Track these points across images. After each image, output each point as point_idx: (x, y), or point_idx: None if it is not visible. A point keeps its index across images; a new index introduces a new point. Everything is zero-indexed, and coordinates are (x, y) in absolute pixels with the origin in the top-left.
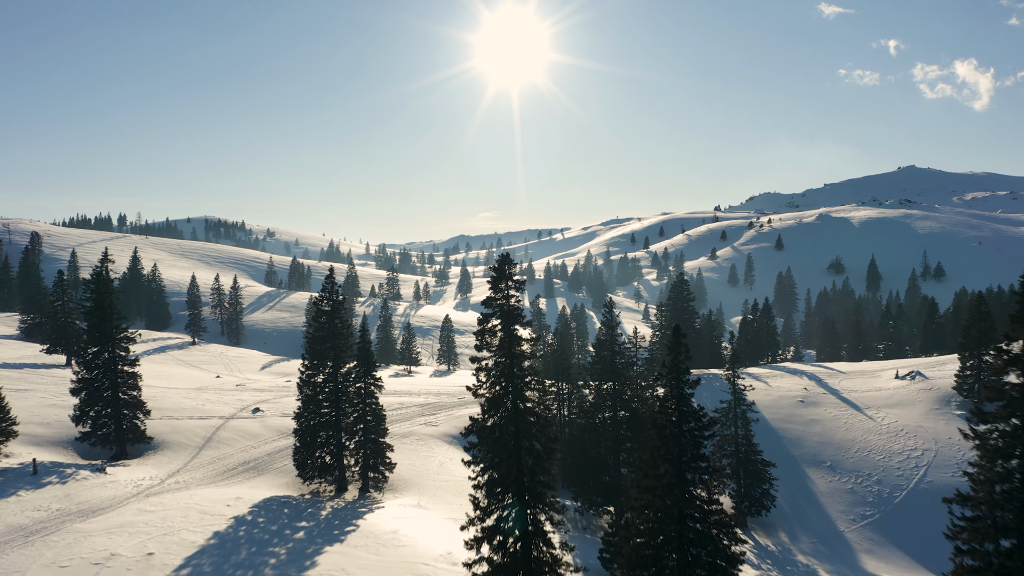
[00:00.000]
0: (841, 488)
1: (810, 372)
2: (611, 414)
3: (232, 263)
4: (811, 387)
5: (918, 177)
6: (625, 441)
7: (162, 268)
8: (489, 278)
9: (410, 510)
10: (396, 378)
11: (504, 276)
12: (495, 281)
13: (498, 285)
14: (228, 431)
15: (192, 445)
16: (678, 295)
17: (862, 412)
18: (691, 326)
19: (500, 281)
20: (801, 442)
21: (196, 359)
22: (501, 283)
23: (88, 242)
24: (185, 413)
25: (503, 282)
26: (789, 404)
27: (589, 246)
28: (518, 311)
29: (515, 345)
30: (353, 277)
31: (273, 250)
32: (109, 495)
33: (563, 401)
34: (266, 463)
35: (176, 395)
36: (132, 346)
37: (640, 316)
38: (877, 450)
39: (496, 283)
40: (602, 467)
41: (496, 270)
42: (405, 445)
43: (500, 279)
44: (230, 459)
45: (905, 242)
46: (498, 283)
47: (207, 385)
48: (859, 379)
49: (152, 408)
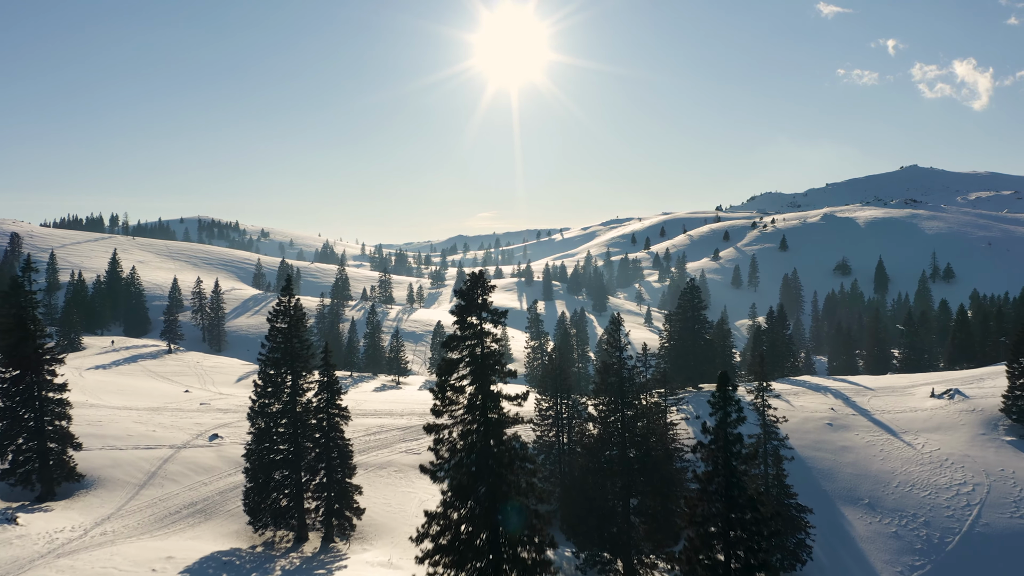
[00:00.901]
0: (883, 532)
1: (835, 389)
2: (619, 451)
3: (221, 265)
4: (838, 407)
5: (921, 177)
6: (635, 484)
7: (147, 270)
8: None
9: (377, 571)
10: (382, 392)
11: (475, 306)
12: (463, 311)
13: (466, 318)
14: (177, 463)
15: (132, 483)
16: (688, 303)
17: (899, 438)
18: (702, 338)
19: (470, 311)
20: (833, 474)
21: (169, 370)
22: (471, 314)
23: (71, 243)
24: (131, 441)
25: (474, 313)
26: (816, 428)
27: (589, 247)
28: (496, 357)
29: (491, 409)
30: (344, 279)
31: (267, 251)
32: (10, 556)
33: (562, 427)
34: (216, 504)
35: (126, 418)
36: (105, 355)
37: (642, 320)
38: (921, 484)
39: (464, 314)
40: (609, 515)
41: (464, 295)
42: (381, 479)
43: (470, 308)
44: (174, 500)
45: (912, 243)
46: (467, 314)
47: (168, 403)
48: (890, 397)
49: (94, 435)
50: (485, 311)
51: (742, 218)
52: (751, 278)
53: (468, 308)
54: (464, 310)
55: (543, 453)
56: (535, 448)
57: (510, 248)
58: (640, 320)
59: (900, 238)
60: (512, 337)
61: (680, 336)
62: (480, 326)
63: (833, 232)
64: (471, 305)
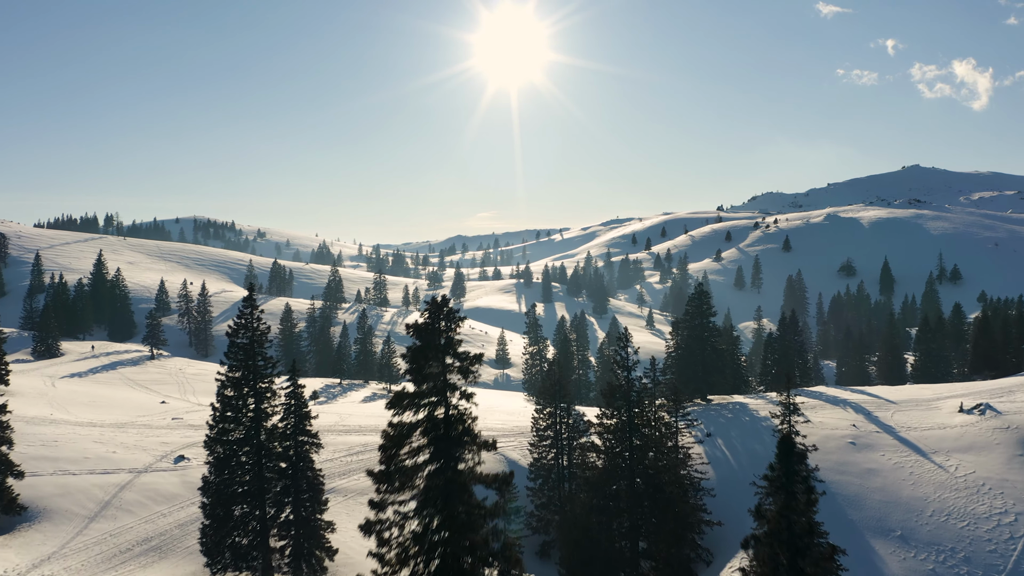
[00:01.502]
0: (920, 569)
1: (854, 402)
2: (627, 484)
3: (214, 266)
4: (860, 423)
5: (923, 177)
6: (646, 524)
7: (137, 272)
8: (408, 349)
9: None
10: (371, 402)
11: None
12: (420, 356)
13: (425, 365)
14: (136, 491)
15: (82, 514)
16: (696, 309)
17: (928, 459)
18: (712, 346)
19: (429, 356)
20: (860, 502)
21: (149, 378)
22: (431, 360)
23: (60, 244)
24: (87, 465)
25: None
26: (839, 447)
27: (589, 247)
28: (468, 423)
29: (460, 500)
30: (337, 281)
31: (263, 251)
32: None
33: (561, 449)
34: (174, 540)
35: (85, 437)
36: (83, 361)
37: (643, 322)
38: (957, 513)
39: (421, 360)
40: (615, 559)
41: (422, 332)
42: (360, 506)
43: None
44: (127, 534)
45: (918, 244)
46: (425, 359)
47: (138, 417)
48: (914, 411)
49: (46, 458)
50: (452, 354)
51: (744, 218)
52: (754, 279)
53: (427, 351)
54: (421, 354)
55: (540, 477)
56: (532, 472)
57: (509, 248)
58: (642, 323)
59: (905, 239)
60: (510, 341)
61: (687, 344)
62: (444, 376)
63: (837, 233)
64: (431, 347)
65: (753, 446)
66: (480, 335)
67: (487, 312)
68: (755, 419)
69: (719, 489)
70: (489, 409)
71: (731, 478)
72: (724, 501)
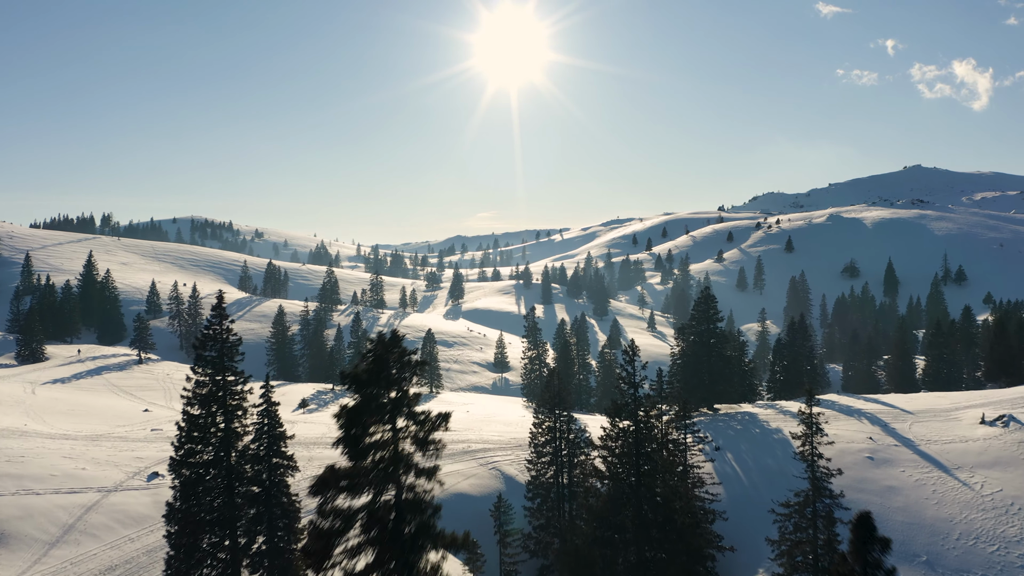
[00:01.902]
0: None
1: (869, 412)
2: (634, 512)
3: (209, 266)
4: (877, 435)
5: (925, 177)
6: (655, 561)
7: (130, 273)
8: (341, 409)
9: None
10: None
11: (378, 407)
12: (358, 418)
13: (365, 431)
14: (103, 512)
15: (42, 540)
16: (702, 314)
17: (951, 475)
18: (719, 354)
19: (371, 417)
20: (882, 523)
21: (134, 383)
22: (377, 421)
23: (53, 244)
24: (53, 483)
25: (382, 417)
26: (856, 462)
27: (589, 247)
28: (425, 512)
29: None
30: (333, 282)
31: (261, 252)
32: None
33: (562, 467)
34: (140, 568)
35: (56, 451)
36: (67, 366)
37: (645, 324)
38: (986, 536)
39: (357, 421)
40: None
41: (362, 379)
42: None
43: (370, 411)
44: (90, 563)
45: (922, 244)
46: (366, 422)
47: (116, 428)
48: (932, 423)
49: (9, 476)
50: (406, 414)
51: (745, 218)
52: (757, 280)
53: (370, 411)
54: (359, 416)
55: (539, 496)
56: (530, 491)
57: (509, 249)
58: (643, 324)
59: (909, 239)
60: (509, 343)
61: (693, 351)
62: (395, 447)
63: (840, 233)
64: (376, 405)
65: (765, 461)
66: (479, 338)
67: (486, 314)
68: (766, 431)
69: (731, 510)
70: (486, 419)
71: (743, 497)
72: (736, 523)
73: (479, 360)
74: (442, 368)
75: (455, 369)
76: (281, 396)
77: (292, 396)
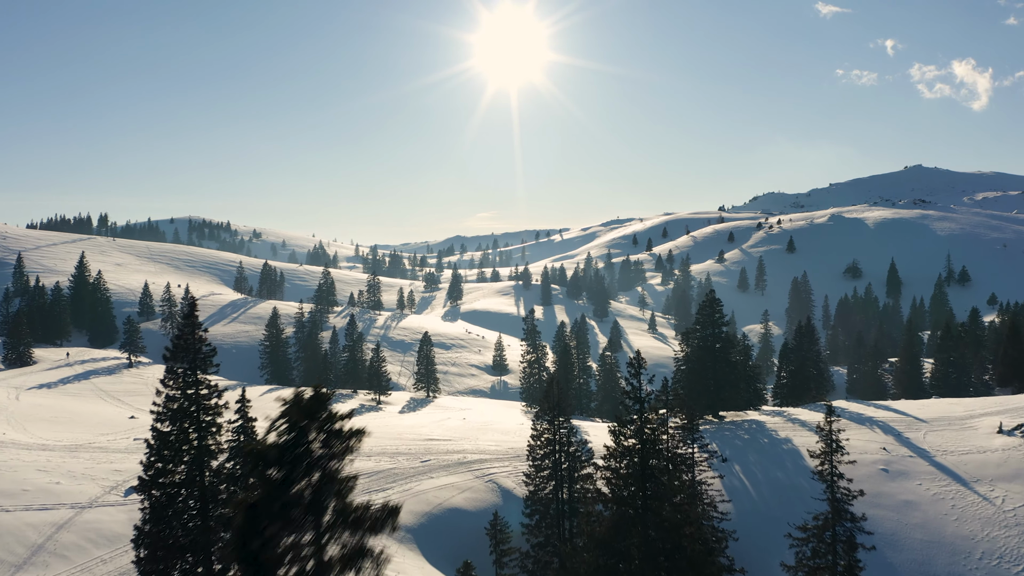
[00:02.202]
0: None
1: (881, 420)
2: (640, 539)
3: (205, 267)
4: (891, 445)
5: (926, 177)
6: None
7: (124, 274)
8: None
9: None
10: (357, 415)
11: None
12: (253, 534)
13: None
14: (75, 531)
15: (8, 562)
16: (707, 319)
17: (971, 489)
18: (725, 360)
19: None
20: (900, 541)
21: (123, 388)
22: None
23: (46, 245)
24: (24, 499)
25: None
26: (870, 475)
27: (589, 248)
28: None
29: None
30: (329, 283)
31: (259, 252)
32: None
33: (562, 482)
34: None
35: (30, 464)
36: (55, 370)
37: (645, 326)
38: (1010, 556)
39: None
40: None
41: (247, 520)
42: None
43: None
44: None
45: (924, 245)
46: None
47: (98, 437)
48: (947, 432)
49: None
50: (332, 509)
51: (746, 219)
52: (758, 281)
53: (272, 507)
54: (262, 513)
55: (537, 513)
56: (528, 507)
57: (508, 249)
58: (644, 326)
59: (911, 240)
60: (508, 346)
61: (698, 357)
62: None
63: (841, 233)
64: (280, 498)
65: (775, 474)
66: (477, 340)
67: (485, 315)
68: (774, 441)
69: (740, 529)
70: (483, 427)
71: (752, 514)
72: (746, 542)
73: (477, 363)
74: (440, 371)
75: (453, 372)
76: (272, 401)
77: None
